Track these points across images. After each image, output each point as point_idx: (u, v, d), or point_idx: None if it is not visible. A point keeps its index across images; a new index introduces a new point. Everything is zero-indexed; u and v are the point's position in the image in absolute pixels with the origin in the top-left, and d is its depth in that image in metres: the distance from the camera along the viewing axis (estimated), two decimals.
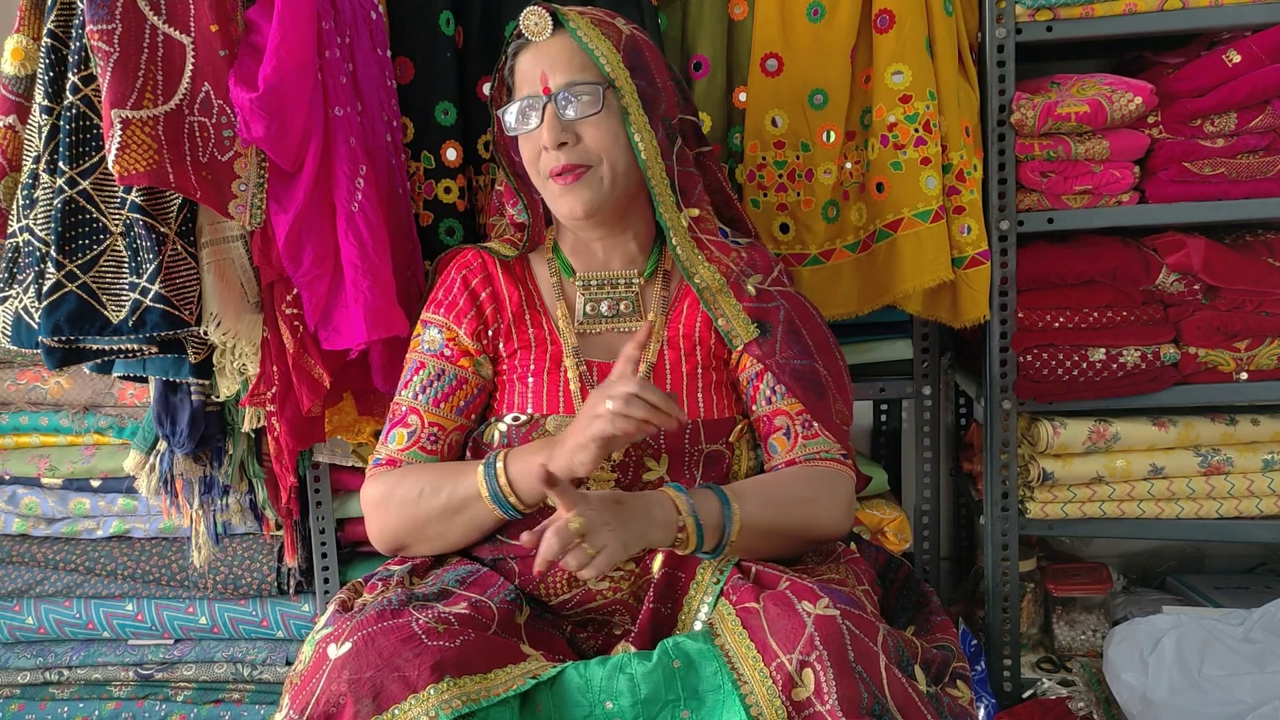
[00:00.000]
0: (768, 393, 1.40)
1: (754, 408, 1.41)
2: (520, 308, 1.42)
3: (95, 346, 1.51)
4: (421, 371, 1.41)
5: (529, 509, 1.30)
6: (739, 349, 1.39)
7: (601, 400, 1.18)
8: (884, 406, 2.30)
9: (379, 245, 1.51)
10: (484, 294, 1.42)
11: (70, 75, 1.46)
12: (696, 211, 1.42)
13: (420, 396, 1.40)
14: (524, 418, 1.36)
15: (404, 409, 1.40)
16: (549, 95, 1.34)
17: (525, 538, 1.14)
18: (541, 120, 1.34)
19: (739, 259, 1.42)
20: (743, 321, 1.38)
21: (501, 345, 1.42)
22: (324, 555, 1.89)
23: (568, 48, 1.35)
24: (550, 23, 1.35)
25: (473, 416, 1.42)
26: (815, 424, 1.37)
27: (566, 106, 1.34)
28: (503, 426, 1.37)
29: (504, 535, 1.36)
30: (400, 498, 1.34)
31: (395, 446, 1.39)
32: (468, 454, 1.40)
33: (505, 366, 1.42)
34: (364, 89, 1.58)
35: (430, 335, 1.43)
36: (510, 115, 1.38)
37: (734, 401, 1.42)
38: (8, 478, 1.97)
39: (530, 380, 1.39)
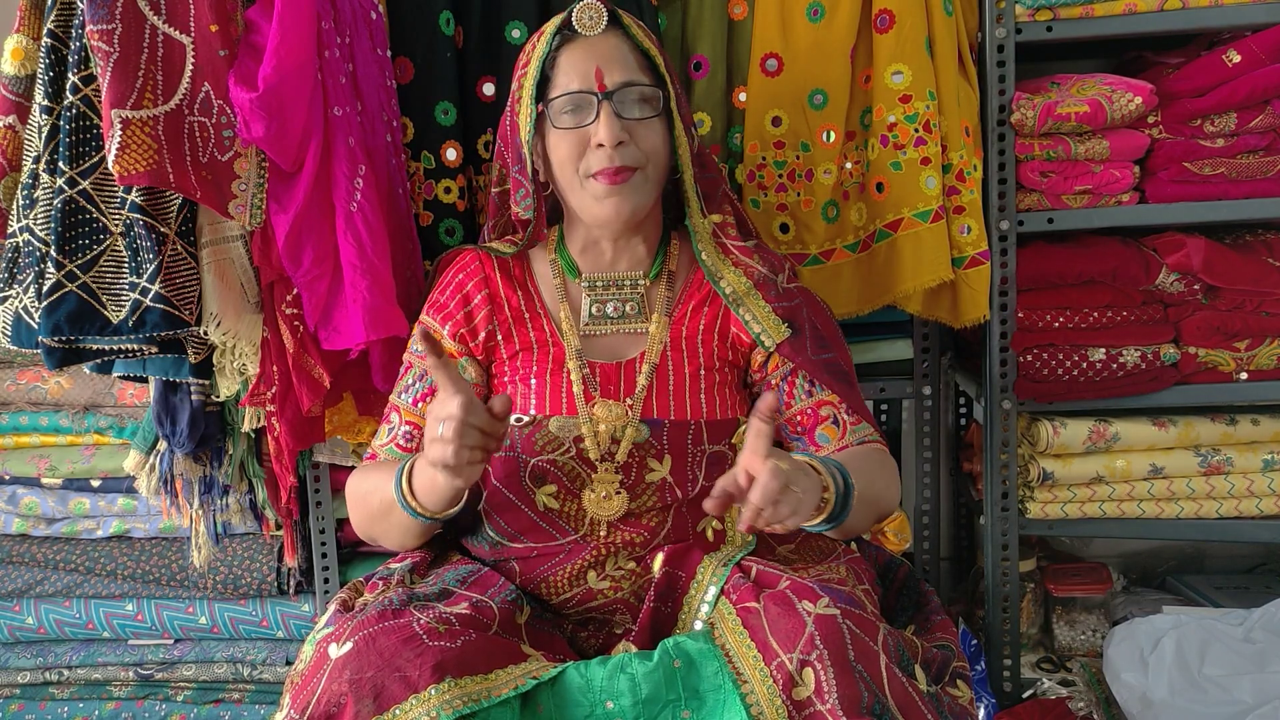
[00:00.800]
0: (806, 386, 1.40)
1: (792, 403, 1.40)
2: (520, 310, 1.42)
3: (95, 346, 1.51)
4: (409, 372, 1.43)
5: (435, 514, 1.26)
6: (770, 349, 1.39)
7: (435, 425, 1.12)
8: (884, 406, 2.30)
9: (378, 245, 1.51)
10: (478, 297, 1.42)
11: (70, 75, 1.46)
12: (719, 217, 1.44)
13: (403, 395, 1.41)
14: (526, 419, 1.36)
15: (390, 406, 1.43)
16: (605, 92, 1.32)
17: (718, 487, 1.10)
18: (596, 116, 1.32)
19: (761, 259, 1.42)
20: (774, 322, 1.38)
21: (502, 348, 1.42)
22: (324, 555, 1.89)
23: (621, 46, 1.35)
24: (606, 18, 1.34)
25: None
26: (856, 412, 1.39)
27: (625, 106, 1.33)
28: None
29: (503, 539, 1.36)
30: (355, 494, 1.39)
31: (377, 443, 1.42)
32: None
33: (507, 369, 1.42)
34: (364, 89, 1.58)
35: (418, 336, 1.43)
36: (557, 108, 1.35)
37: (737, 403, 1.41)
38: (8, 478, 1.98)
39: (533, 382, 1.39)
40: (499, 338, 1.41)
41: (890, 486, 1.39)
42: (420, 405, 1.40)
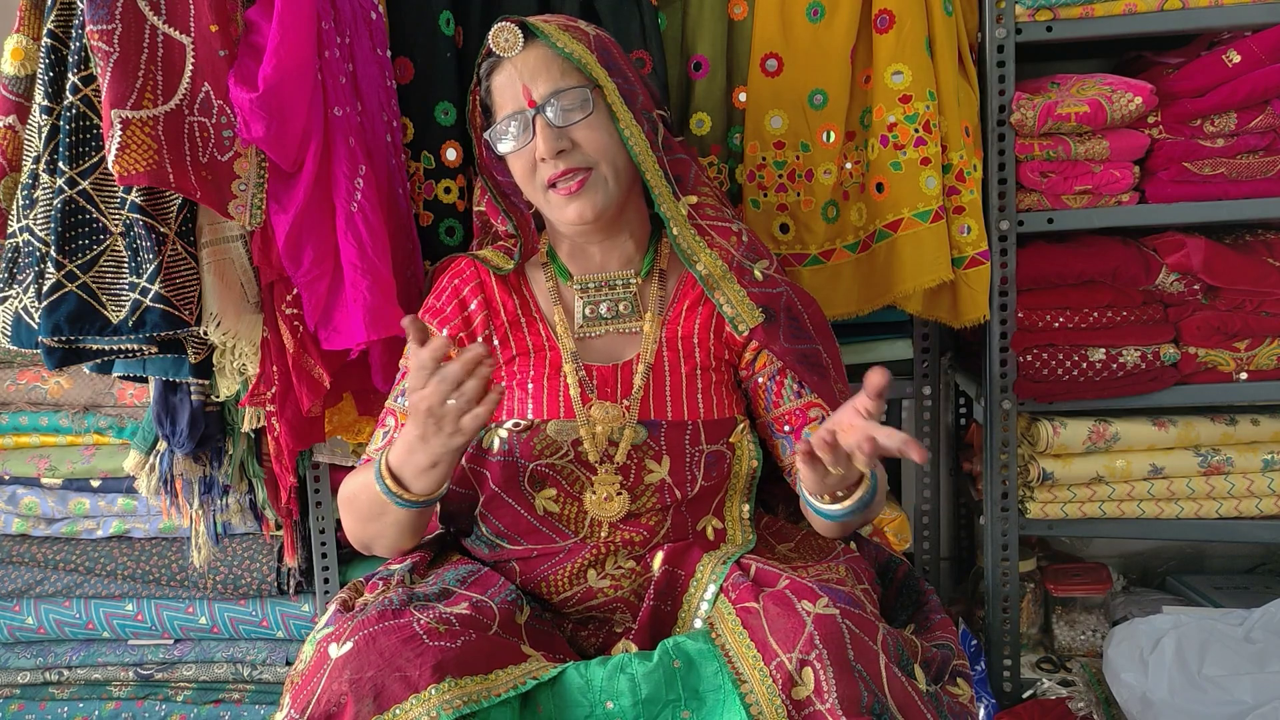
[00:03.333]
0: (795, 387, 1.39)
1: (780, 403, 1.40)
2: (516, 315, 1.42)
3: (95, 346, 1.51)
4: (405, 377, 1.41)
5: (420, 498, 1.25)
6: (744, 334, 1.39)
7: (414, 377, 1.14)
8: (884, 406, 2.30)
9: (378, 245, 1.51)
10: (474, 302, 1.42)
11: (70, 75, 1.46)
12: (695, 199, 1.43)
13: (399, 400, 1.40)
14: (524, 423, 1.36)
15: (386, 410, 1.42)
16: (535, 107, 1.34)
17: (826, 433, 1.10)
18: (533, 133, 1.34)
19: (738, 243, 1.42)
20: (748, 306, 1.38)
21: (498, 353, 1.42)
22: (324, 555, 1.89)
23: (543, 56, 1.35)
24: (521, 36, 1.35)
25: None
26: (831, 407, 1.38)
27: (556, 114, 1.33)
28: (503, 432, 1.36)
29: (502, 541, 1.36)
30: (344, 498, 1.36)
31: (372, 448, 1.40)
32: (463, 461, 1.39)
33: (504, 373, 1.41)
34: (364, 89, 1.58)
35: (407, 324, 1.43)
36: (498, 136, 1.38)
37: (734, 402, 1.41)
38: (8, 478, 1.98)
39: (530, 386, 1.39)
40: (495, 342, 1.41)
41: (884, 493, 1.39)
42: None
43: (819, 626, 1.07)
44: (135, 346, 1.52)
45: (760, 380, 1.41)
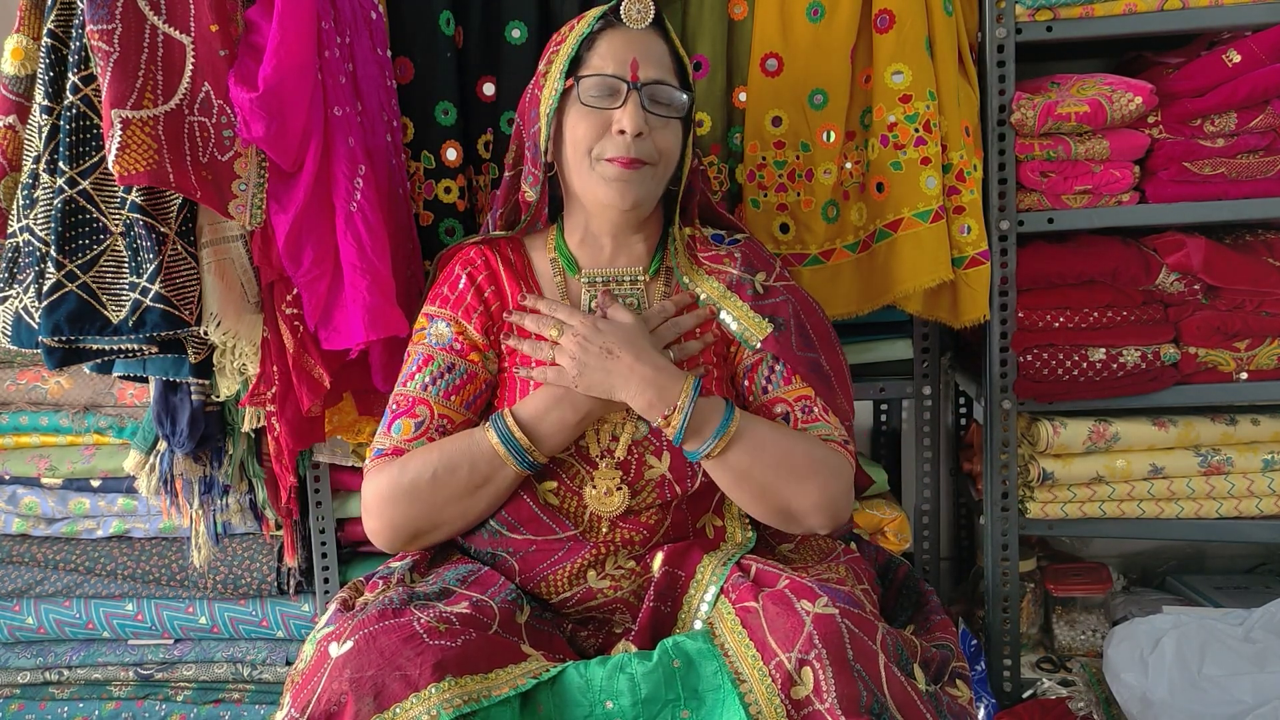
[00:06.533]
0: (763, 382, 1.40)
1: (750, 398, 1.41)
2: (522, 305, 1.43)
3: (95, 346, 1.51)
4: (431, 364, 1.39)
5: (548, 457, 1.32)
6: (756, 347, 1.39)
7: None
8: (884, 406, 2.30)
9: (378, 245, 1.51)
10: (489, 290, 1.42)
11: (70, 75, 1.46)
12: (690, 230, 1.48)
13: (431, 388, 1.37)
14: None
15: (411, 399, 1.37)
16: (637, 83, 1.34)
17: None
18: (624, 103, 1.34)
19: (733, 260, 1.43)
20: (755, 320, 1.39)
21: (504, 341, 1.42)
22: (324, 555, 1.89)
23: (659, 46, 1.38)
24: (651, 16, 1.37)
25: (477, 413, 1.42)
26: (816, 409, 1.38)
27: (651, 102, 1.35)
28: None
29: (503, 528, 1.36)
30: (410, 485, 1.31)
31: (401, 436, 1.35)
32: None
33: (508, 362, 1.42)
34: (364, 89, 1.58)
35: (439, 329, 1.40)
36: (586, 87, 1.36)
37: (735, 396, 1.42)
38: (8, 478, 1.98)
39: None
40: (506, 330, 1.42)
41: (818, 485, 1.31)
42: (453, 398, 1.37)
43: (818, 626, 1.07)
44: (135, 346, 1.52)
45: (737, 374, 1.42)
